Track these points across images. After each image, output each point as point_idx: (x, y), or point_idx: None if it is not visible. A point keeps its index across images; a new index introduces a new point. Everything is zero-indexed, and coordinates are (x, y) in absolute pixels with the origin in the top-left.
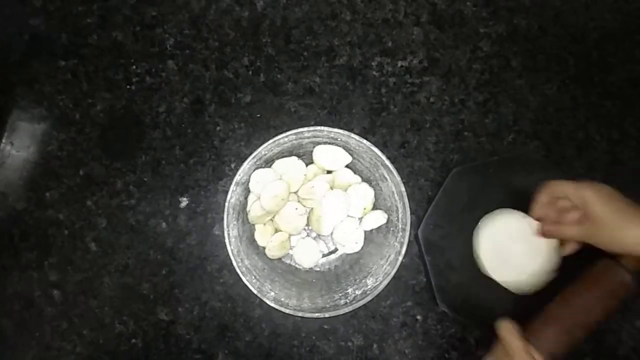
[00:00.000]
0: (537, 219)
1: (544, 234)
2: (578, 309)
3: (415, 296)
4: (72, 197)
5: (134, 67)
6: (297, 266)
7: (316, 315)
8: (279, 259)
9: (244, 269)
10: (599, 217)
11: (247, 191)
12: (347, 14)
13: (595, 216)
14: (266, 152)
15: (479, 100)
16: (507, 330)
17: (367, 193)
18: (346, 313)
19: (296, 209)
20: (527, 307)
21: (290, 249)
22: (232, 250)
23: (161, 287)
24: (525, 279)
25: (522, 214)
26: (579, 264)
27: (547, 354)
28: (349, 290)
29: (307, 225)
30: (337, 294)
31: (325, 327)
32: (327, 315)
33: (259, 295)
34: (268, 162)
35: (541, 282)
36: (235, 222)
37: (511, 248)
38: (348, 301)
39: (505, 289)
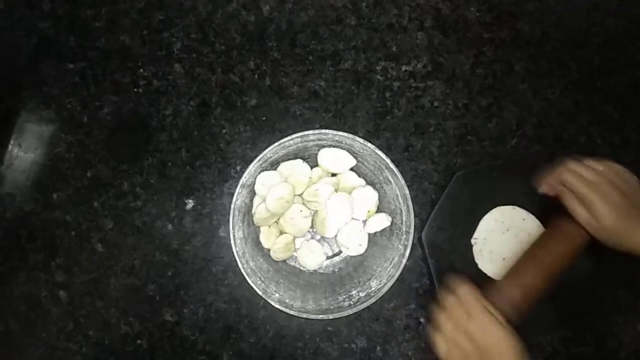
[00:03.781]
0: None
1: (552, 189)
2: (536, 261)
3: (419, 299)
4: (79, 198)
5: (142, 70)
6: (301, 268)
7: (320, 317)
8: (284, 261)
9: (249, 270)
10: (608, 225)
11: (253, 193)
12: (352, 19)
13: (604, 223)
14: (271, 155)
15: (482, 105)
16: (465, 288)
17: (371, 196)
18: (350, 315)
19: (301, 211)
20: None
21: (295, 251)
22: (237, 252)
23: (167, 288)
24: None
25: (515, 207)
26: None
27: (508, 307)
28: (353, 293)
29: (312, 227)
30: (341, 296)
31: (329, 329)
32: (331, 317)
33: (263, 296)
34: (273, 165)
35: None
36: (240, 224)
37: (501, 241)
38: (352, 303)
39: None
